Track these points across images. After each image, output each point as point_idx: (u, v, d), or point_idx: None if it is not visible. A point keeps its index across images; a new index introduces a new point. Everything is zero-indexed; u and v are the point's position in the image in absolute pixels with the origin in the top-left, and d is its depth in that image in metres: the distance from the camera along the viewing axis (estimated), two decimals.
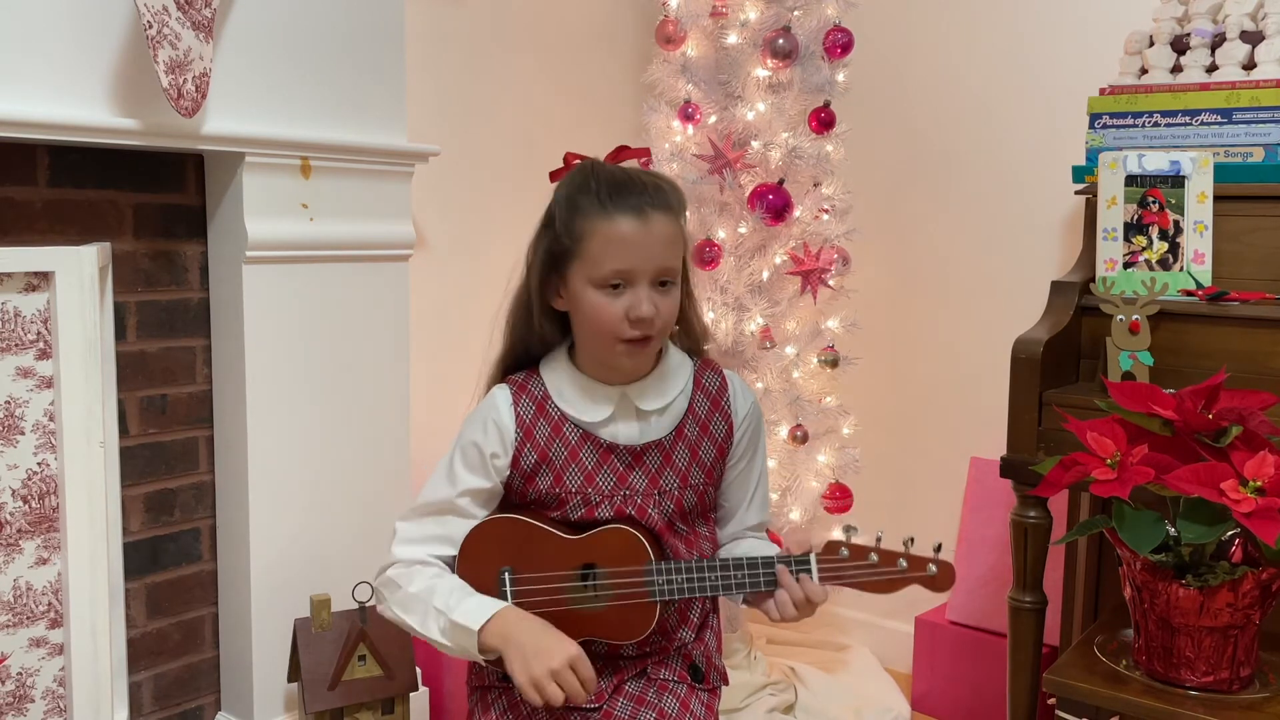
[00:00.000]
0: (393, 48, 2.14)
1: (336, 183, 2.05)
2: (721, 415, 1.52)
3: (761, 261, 2.46)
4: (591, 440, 1.47)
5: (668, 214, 1.41)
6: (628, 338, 1.40)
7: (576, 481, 1.46)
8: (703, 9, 2.49)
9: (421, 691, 2.22)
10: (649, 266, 1.39)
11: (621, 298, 1.39)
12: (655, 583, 1.42)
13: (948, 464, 2.70)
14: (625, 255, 1.38)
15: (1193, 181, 2.01)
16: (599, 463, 1.46)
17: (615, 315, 1.39)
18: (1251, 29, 2.06)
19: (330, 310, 2.09)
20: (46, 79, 1.66)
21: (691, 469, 1.49)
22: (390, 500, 2.19)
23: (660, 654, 1.52)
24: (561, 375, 1.49)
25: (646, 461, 1.47)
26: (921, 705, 2.57)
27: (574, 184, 1.45)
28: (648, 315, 1.38)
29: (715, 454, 1.51)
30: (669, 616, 1.51)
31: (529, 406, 1.48)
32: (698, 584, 1.42)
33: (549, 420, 1.47)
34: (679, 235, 1.44)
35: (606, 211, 1.39)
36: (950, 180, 2.70)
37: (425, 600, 1.41)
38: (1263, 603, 1.59)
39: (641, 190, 1.41)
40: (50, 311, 1.68)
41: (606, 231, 1.39)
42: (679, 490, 1.48)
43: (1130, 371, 1.88)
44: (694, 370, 1.53)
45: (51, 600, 1.73)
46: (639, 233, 1.38)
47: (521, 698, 1.37)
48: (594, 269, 1.40)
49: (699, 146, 2.47)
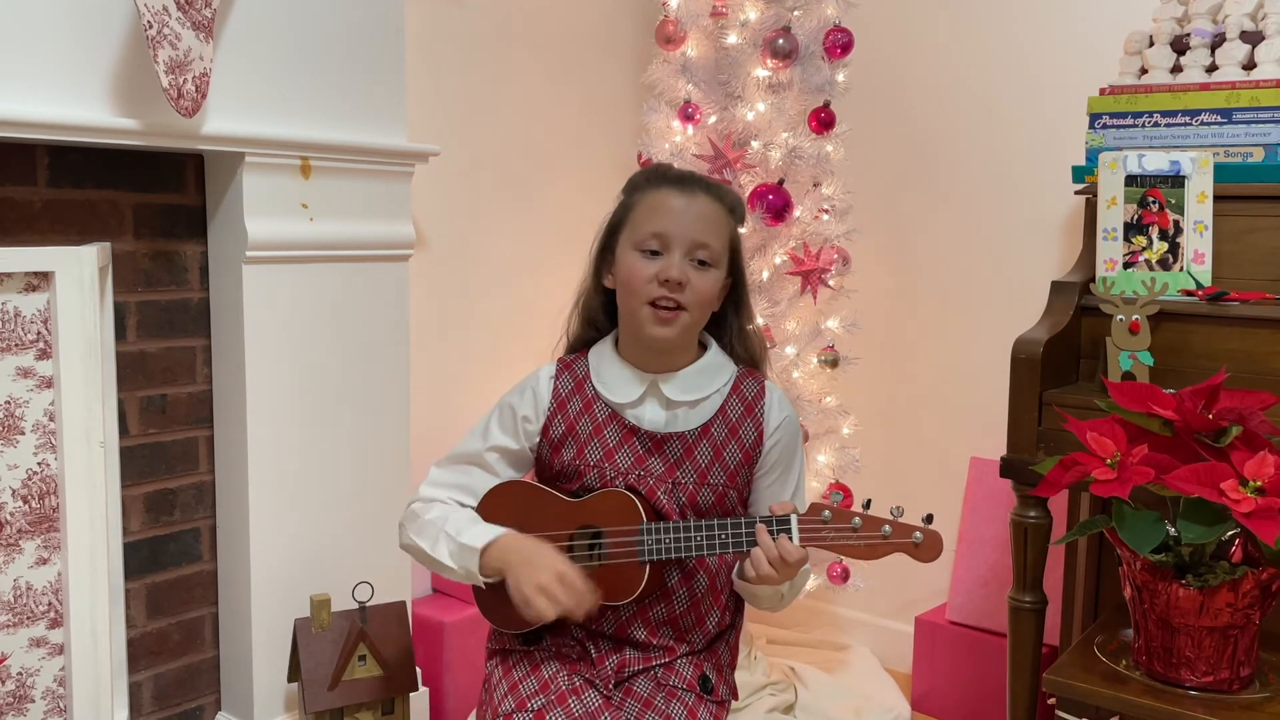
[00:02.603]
0: (393, 48, 2.14)
1: (336, 183, 2.05)
2: (753, 422, 1.54)
3: (761, 261, 2.46)
4: (617, 420, 1.54)
5: (716, 201, 1.52)
6: (654, 298, 1.47)
7: (596, 456, 1.53)
8: (703, 9, 2.49)
9: (421, 691, 2.22)
10: (686, 235, 1.48)
11: (656, 261, 1.48)
12: (645, 543, 1.45)
13: (948, 464, 2.70)
14: (664, 220, 1.49)
15: (1193, 181, 2.01)
16: (620, 441, 1.53)
17: (646, 276, 1.47)
18: (1251, 29, 2.06)
19: (330, 310, 2.09)
20: (46, 79, 1.66)
21: (713, 468, 1.52)
22: (390, 501, 2.19)
23: (668, 653, 1.53)
24: (603, 358, 1.58)
25: (667, 450, 1.52)
26: (921, 705, 2.57)
27: (640, 172, 1.59)
28: (675, 277, 1.46)
29: (741, 459, 1.53)
30: (680, 607, 1.52)
31: (568, 382, 1.59)
32: (684, 543, 1.44)
33: (583, 398, 1.56)
34: (724, 224, 1.53)
35: (658, 186, 1.53)
36: (950, 180, 2.70)
37: (438, 525, 1.52)
38: (1263, 603, 1.59)
39: (698, 179, 1.54)
40: (50, 311, 1.68)
41: (652, 199, 1.51)
42: (695, 485, 1.51)
43: (1130, 371, 1.88)
44: (735, 376, 1.57)
45: (51, 600, 1.73)
46: (681, 202, 1.50)
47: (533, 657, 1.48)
48: (635, 231, 1.51)
49: (699, 146, 2.47)
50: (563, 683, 1.48)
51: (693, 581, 1.53)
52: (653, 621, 1.53)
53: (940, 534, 1.40)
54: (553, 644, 1.55)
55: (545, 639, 1.56)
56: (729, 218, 1.53)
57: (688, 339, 1.54)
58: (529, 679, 1.49)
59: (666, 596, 1.52)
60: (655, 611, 1.52)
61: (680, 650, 1.53)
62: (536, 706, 1.43)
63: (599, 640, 1.54)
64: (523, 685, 1.48)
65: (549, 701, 1.44)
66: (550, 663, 1.52)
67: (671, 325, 1.48)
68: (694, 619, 1.54)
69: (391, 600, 2.08)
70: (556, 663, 1.52)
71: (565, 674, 1.50)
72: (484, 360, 2.63)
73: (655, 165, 1.59)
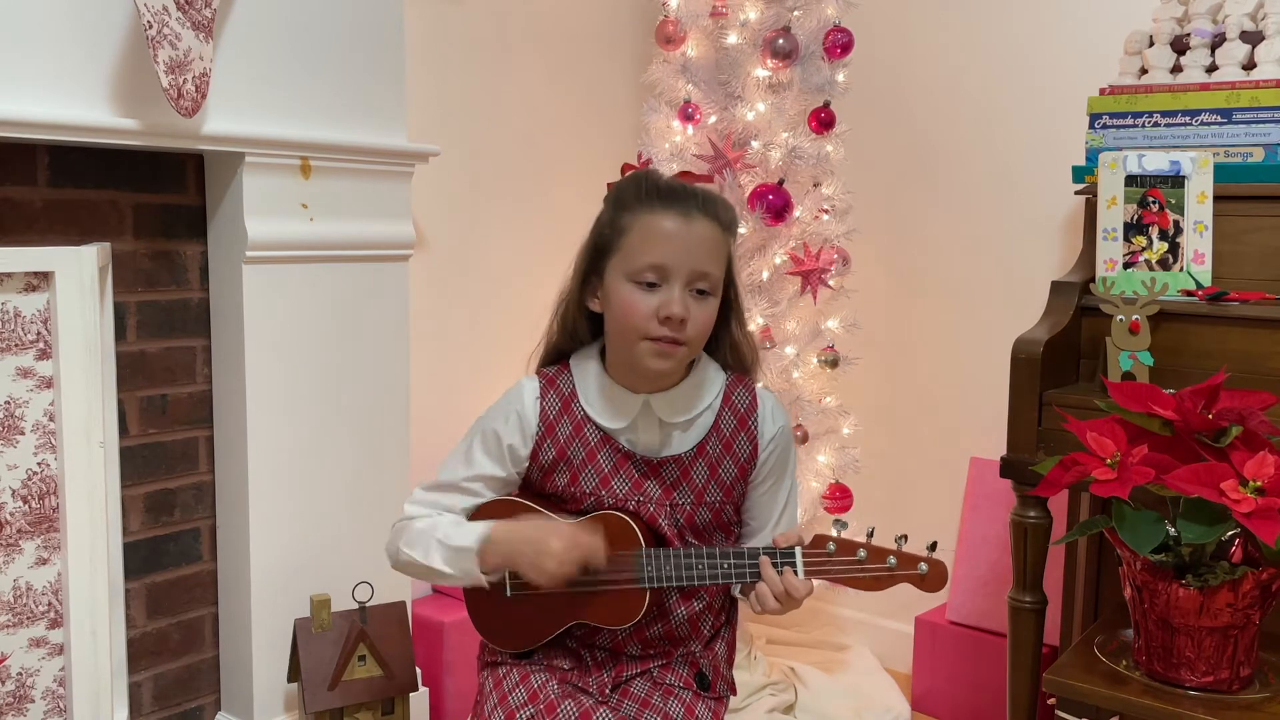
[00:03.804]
0: (393, 48, 2.14)
1: (336, 183, 2.05)
2: (747, 435, 1.50)
3: (761, 261, 2.46)
4: (611, 444, 1.48)
5: (713, 222, 1.42)
6: (655, 336, 1.39)
7: (592, 483, 1.47)
8: (703, 9, 2.49)
9: (421, 691, 2.22)
10: (685, 265, 1.39)
11: (654, 294, 1.39)
12: (644, 569, 1.42)
13: (948, 464, 2.70)
14: (663, 250, 1.38)
15: (1193, 181, 2.01)
16: (615, 467, 1.47)
17: (645, 312, 1.39)
18: (1251, 29, 2.06)
19: (330, 310, 2.09)
20: (46, 79, 1.66)
21: (709, 487, 1.49)
22: (390, 501, 2.19)
23: (665, 657, 1.52)
24: (589, 376, 1.50)
25: (663, 473, 1.48)
26: (921, 705, 2.57)
27: (625, 185, 1.47)
28: (678, 314, 1.38)
29: (736, 473, 1.50)
30: (677, 625, 1.51)
31: (555, 402, 1.50)
32: (685, 573, 1.42)
33: (572, 419, 1.49)
34: (722, 247, 1.44)
35: (651, 206, 1.41)
36: (950, 180, 2.70)
37: (428, 534, 1.46)
38: (1263, 603, 1.59)
39: (690, 195, 1.42)
40: (50, 311, 1.68)
41: (648, 224, 1.40)
42: (692, 506, 1.48)
43: (1130, 371, 1.88)
44: (725, 385, 1.51)
45: (51, 600, 1.73)
46: (680, 229, 1.39)
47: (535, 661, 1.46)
48: (630, 261, 1.40)
49: (699, 146, 2.47)
50: (552, 691, 1.46)
51: (691, 601, 1.52)
52: (649, 638, 1.51)
53: (945, 563, 1.39)
54: (544, 657, 1.53)
55: (537, 653, 1.54)
56: (725, 237, 1.45)
57: (684, 365, 1.49)
58: (518, 689, 1.48)
59: (664, 616, 1.50)
60: (652, 630, 1.51)
61: (676, 654, 1.53)
62: (526, 717, 1.42)
63: (594, 651, 1.53)
64: (512, 696, 1.47)
65: (538, 711, 1.42)
66: (540, 673, 1.50)
67: (672, 358, 1.41)
68: (689, 630, 1.53)
69: (391, 600, 2.08)
70: (546, 673, 1.50)
71: (555, 683, 1.48)
72: (484, 360, 2.63)
73: (642, 176, 1.46)
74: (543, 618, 1.50)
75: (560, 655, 1.53)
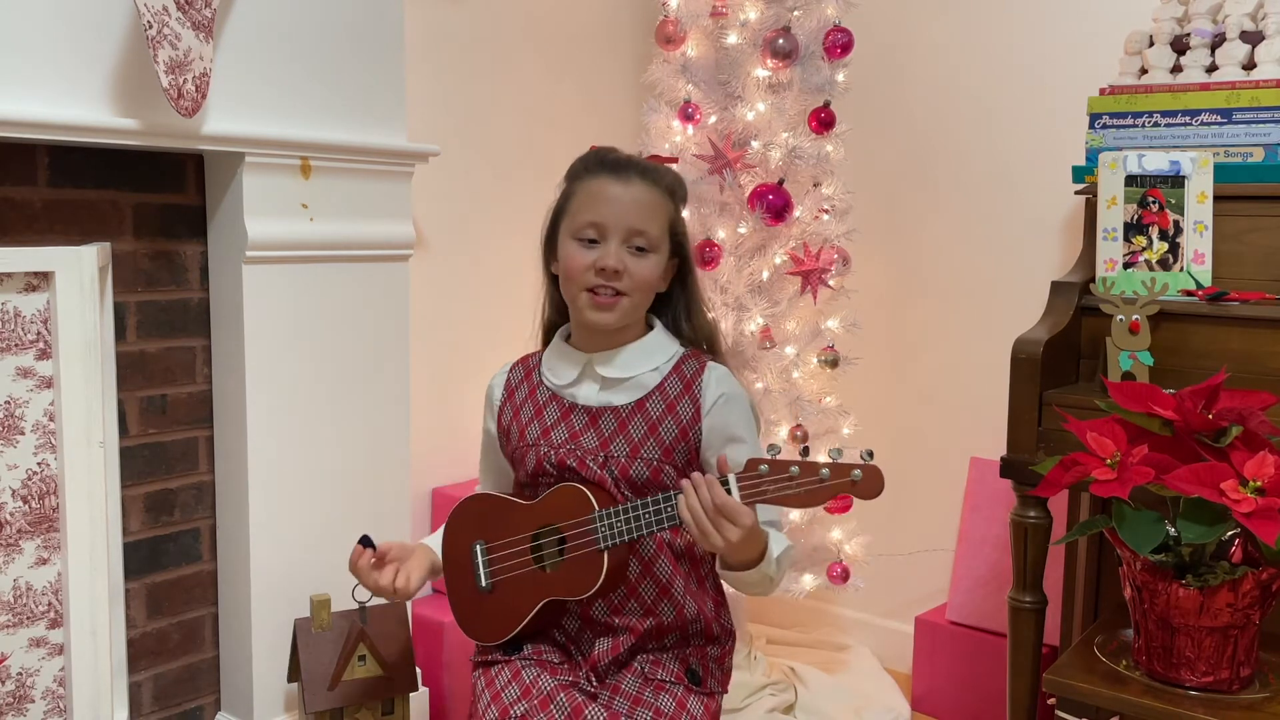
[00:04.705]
0: (393, 48, 2.14)
1: (336, 183, 2.05)
2: (690, 399, 1.54)
3: (761, 261, 2.46)
4: (557, 400, 1.58)
5: (652, 185, 1.53)
6: (591, 285, 1.50)
7: (534, 435, 1.57)
8: (703, 9, 2.49)
9: (421, 691, 2.22)
10: (621, 223, 1.50)
11: (593, 250, 1.50)
12: (599, 530, 1.45)
13: (948, 464, 2.70)
14: (599, 208, 1.50)
15: (1193, 181, 2.01)
16: (559, 419, 1.57)
17: (583, 264, 1.50)
18: (1251, 29, 2.06)
19: (330, 310, 2.09)
20: (46, 79, 1.66)
21: (647, 442, 1.52)
22: (390, 500, 2.19)
23: (633, 634, 1.53)
24: (553, 345, 1.63)
25: (601, 425, 1.54)
26: (921, 705, 2.57)
27: (578, 160, 1.59)
28: (612, 265, 1.48)
29: (678, 434, 1.53)
30: (645, 589, 1.53)
31: (519, 373, 1.65)
32: (636, 522, 1.44)
33: (530, 384, 1.62)
34: (661, 208, 1.54)
35: (595, 173, 1.54)
36: (950, 180, 2.70)
37: None
38: (1263, 603, 1.59)
39: (632, 164, 1.55)
40: (50, 311, 1.68)
41: (588, 187, 1.53)
42: (627, 459, 1.52)
43: (1130, 371, 1.88)
44: (679, 356, 1.58)
45: (51, 600, 1.73)
46: (616, 190, 1.51)
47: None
48: (573, 220, 1.53)
49: (699, 146, 2.47)
50: (545, 686, 1.48)
51: (655, 568, 1.54)
52: (615, 603, 1.53)
53: (880, 468, 1.36)
54: (534, 652, 1.57)
55: (525, 648, 1.57)
56: (667, 200, 1.54)
57: (630, 321, 1.55)
58: (511, 686, 1.50)
59: (631, 589, 1.53)
60: (619, 595, 1.53)
61: (647, 625, 1.53)
62: (519, 713, 1.45)
63: (580, 642, 1.56)
64: (505, 693, 1.49)
65: (532, 707, 1.45)
66: (531, 668, 1.53)
67: (612, 310, 1.51)
68: (657, 591, 1.54)
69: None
70: (538, 668, 1.53)
71: (547, 677, 1.51)
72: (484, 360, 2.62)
73: (596, 151, 1.58)
74: (516, 600, 1.53)
75: (550, 650, 1.57)
